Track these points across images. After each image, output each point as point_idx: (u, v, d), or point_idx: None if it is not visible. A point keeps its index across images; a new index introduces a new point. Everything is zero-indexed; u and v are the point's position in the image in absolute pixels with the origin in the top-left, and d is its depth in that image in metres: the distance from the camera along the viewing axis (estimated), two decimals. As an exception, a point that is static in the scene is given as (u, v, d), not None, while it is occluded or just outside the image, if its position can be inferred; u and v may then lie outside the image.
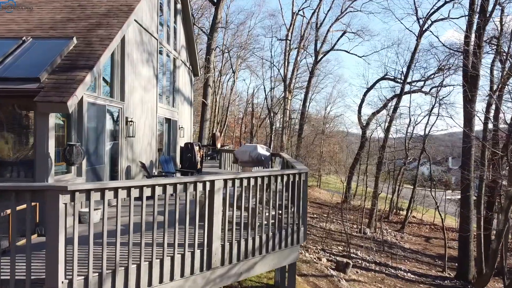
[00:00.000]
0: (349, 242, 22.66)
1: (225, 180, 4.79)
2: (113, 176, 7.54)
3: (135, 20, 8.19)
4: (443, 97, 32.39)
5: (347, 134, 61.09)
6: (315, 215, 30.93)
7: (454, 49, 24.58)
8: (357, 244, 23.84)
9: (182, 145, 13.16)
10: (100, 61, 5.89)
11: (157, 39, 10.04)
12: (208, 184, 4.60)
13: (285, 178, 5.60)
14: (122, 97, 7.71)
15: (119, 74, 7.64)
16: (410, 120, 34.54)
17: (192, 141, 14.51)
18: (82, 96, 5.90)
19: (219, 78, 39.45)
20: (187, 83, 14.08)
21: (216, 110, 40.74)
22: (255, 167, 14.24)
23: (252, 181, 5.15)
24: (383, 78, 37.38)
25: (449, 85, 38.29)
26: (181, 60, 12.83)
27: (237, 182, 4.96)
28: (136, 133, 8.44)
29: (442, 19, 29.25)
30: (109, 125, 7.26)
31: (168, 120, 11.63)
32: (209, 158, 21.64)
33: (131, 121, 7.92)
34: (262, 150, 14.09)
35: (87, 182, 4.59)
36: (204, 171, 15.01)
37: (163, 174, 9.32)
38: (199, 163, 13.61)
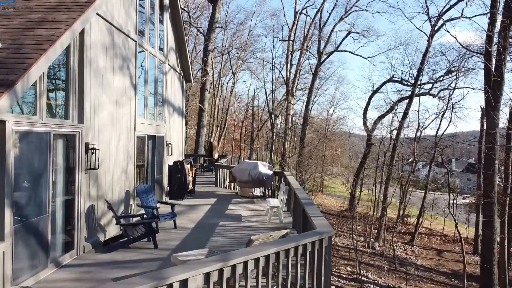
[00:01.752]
0: (359, 261, 20.80)
1: (207, 275, 2.91)
2: (67, 222, 5.67)
3: (100, 16, 6.33)
4: (457, 102, 30.40)
5: (349, 136, 59.23)
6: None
7: (474, 50, 22.75)
8: (367, 262, 21.96)
9: (171, 164, 11.33)
10: (30, 74, 4.03)
11: (135, 41, 8.18)
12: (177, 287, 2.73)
13: (300, 249, 3.74)
14: (81, 117, 5.85)
15: (75, 87, 5.78)
16: (419, 124, 32.76)
17: (183, 158, 12.66)
18: (5, 125, 4.05)
19: (218, 80, 37.59)
20: (177, 91, 12.22)
21: (216, 113, 38.88)
22: (255, 188, 12.39)
23: (251, 265, 3.29)
24: (390, 80, 35.62)
25: (460, 88, 36.23)
26: (169, 64, 10.97)
27: (226, 272, 3.09)
28: (102, 163, 6.58)
29: (455, 18, 27.39)
30: (58, 158, 5.41)
31: (152, 137, 9.76)
32: (205, 170, 19.79)
33: (93, 148, 6.05)
34: (263, 168, 12.22)
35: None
36: (198, 190, 13.16)
37: (140, 214, 7.45)
38: (191, 184, 11.78)
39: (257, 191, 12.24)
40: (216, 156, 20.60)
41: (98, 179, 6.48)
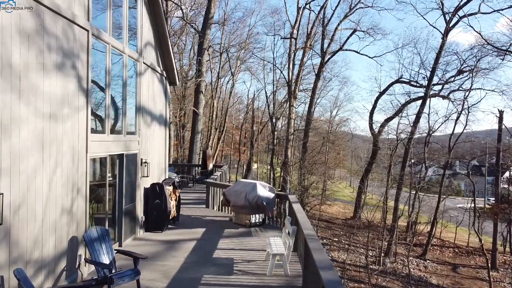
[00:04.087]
0: (371, 283, 18.62)
1: None
2: None
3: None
4: (473, 105, 28.17)
5: (352, 137, 56.98)
6: (324, 240, 26.80)
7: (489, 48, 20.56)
8: (380, 285, 19.75)
9: (148, 186, 9.12)
10: None
11: (87, 30, 5.97)
12: None
13: None
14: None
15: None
16: (429, 129, 30.62)
17: (164, 178, 10.43)
18: None
19: (217, 81, 35.37)
20: (158, 95, 10.01)
21: (214, 115, 36.65)
22: (253, 215, 10.17)
23: None
24: (397, 81, 33.49)
25: (474, 89, 33.85)
26: (145, 63, 8.75)
27: None
28: (20, 207, 4.37)
29: (472, 14, 25.14)
30: None
31: (119, 157, 7.54)
32: (198, 183, 17.56)
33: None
34: (263, 190, 9.96)
35: None
36: (185, 215, 10.94)
37: (81, 284, 5.20)
38: (174, 209, 9.56)
39: (256, 218, 10.02)
40: (210, 166, 18.39)
41: (10, 235, 4.26)
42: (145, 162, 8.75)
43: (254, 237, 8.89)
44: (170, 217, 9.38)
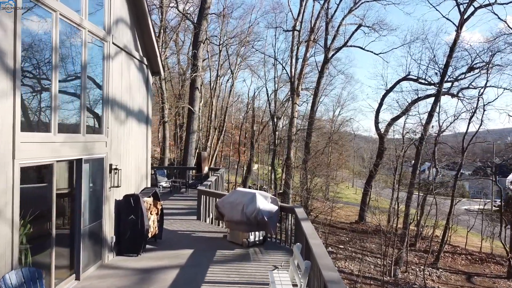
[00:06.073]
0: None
1: None
2: None
3: None
4: (489, 103, 26.38)
5: (354, 137, 55.20)
6: (329, 247, 25.01)
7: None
8: (393, 300, 17.95)
9: (121, 199, 7.33)
10: None
11: (14, -15, 4.21)
12: None
13: None
14: None
15: None
16: (440, 128, 28.85)
17: (143, 188, 8.64)
18: None
19: (216, 79, 33.60)
20: (136, 86, 8.23)
21: (213, 114, 34.86)
22: (252, 232, 8.38)
23: None
24: (405, 79, 31.78)
25: (489, 87, 31.98)
26: (115, 43, 6.95)
27: None
28: None
29: (489, 5, 23.32)
30: None
31: (76, 163, 5.76)
32: (191, 188, 15.76)
33: None
34: (264, 202, 8.10)
35: None
36: (170, 230, 9.14)
37: None
38: (154, 225, 7.79)
39: (255, 235, 8.22)
40: (206, 170, 16.59)
41: None
42: (116, 169, 6.95)
43: (253, 262, 7.09)
44: (150, 235, 7.61)
